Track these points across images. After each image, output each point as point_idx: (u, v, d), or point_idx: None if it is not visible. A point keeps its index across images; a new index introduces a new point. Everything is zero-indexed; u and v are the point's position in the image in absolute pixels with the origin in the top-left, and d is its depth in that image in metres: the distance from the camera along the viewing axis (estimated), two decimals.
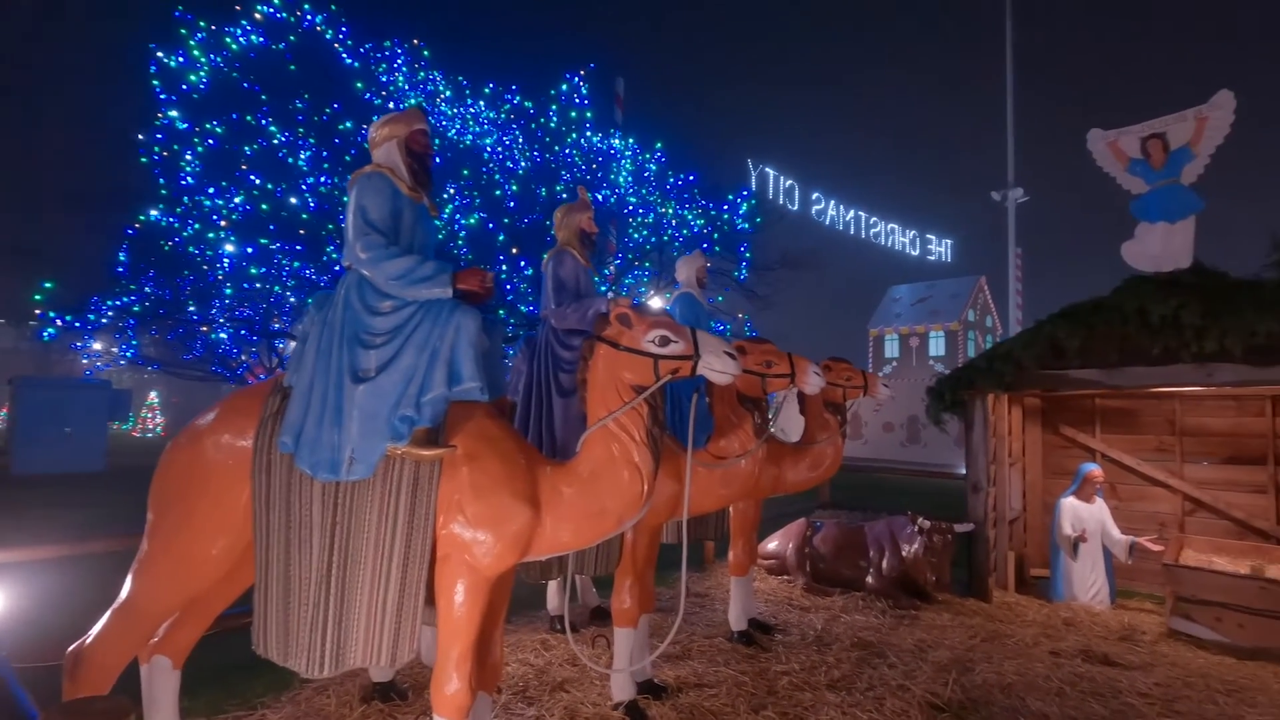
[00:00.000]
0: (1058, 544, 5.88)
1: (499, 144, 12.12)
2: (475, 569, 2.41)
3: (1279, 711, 3.64)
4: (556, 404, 3.27)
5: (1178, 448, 6.48)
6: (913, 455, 18.67)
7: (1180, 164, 5.40)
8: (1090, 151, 5.87)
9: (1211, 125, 5.32)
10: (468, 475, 2.42)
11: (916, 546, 5.37)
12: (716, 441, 3.52)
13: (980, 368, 5.87)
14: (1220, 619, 4.84)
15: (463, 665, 2.38)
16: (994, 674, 4.01)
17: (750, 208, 14.19)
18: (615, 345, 2.63)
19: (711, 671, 3.87)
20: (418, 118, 2.82)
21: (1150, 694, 3.83)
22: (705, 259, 4.83)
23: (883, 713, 3.44)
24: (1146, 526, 6.21)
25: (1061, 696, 3.75)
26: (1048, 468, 7.06)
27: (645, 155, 13.80)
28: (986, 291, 34.61)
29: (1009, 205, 20.99)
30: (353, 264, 2.56)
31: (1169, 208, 5.41)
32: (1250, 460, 6.12)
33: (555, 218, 3.82)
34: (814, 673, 3.92)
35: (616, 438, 2.58)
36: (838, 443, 4.51)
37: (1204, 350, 4.91)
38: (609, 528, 2.61)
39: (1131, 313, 5.24)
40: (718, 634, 4.49)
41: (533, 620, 4.76)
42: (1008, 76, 20.70)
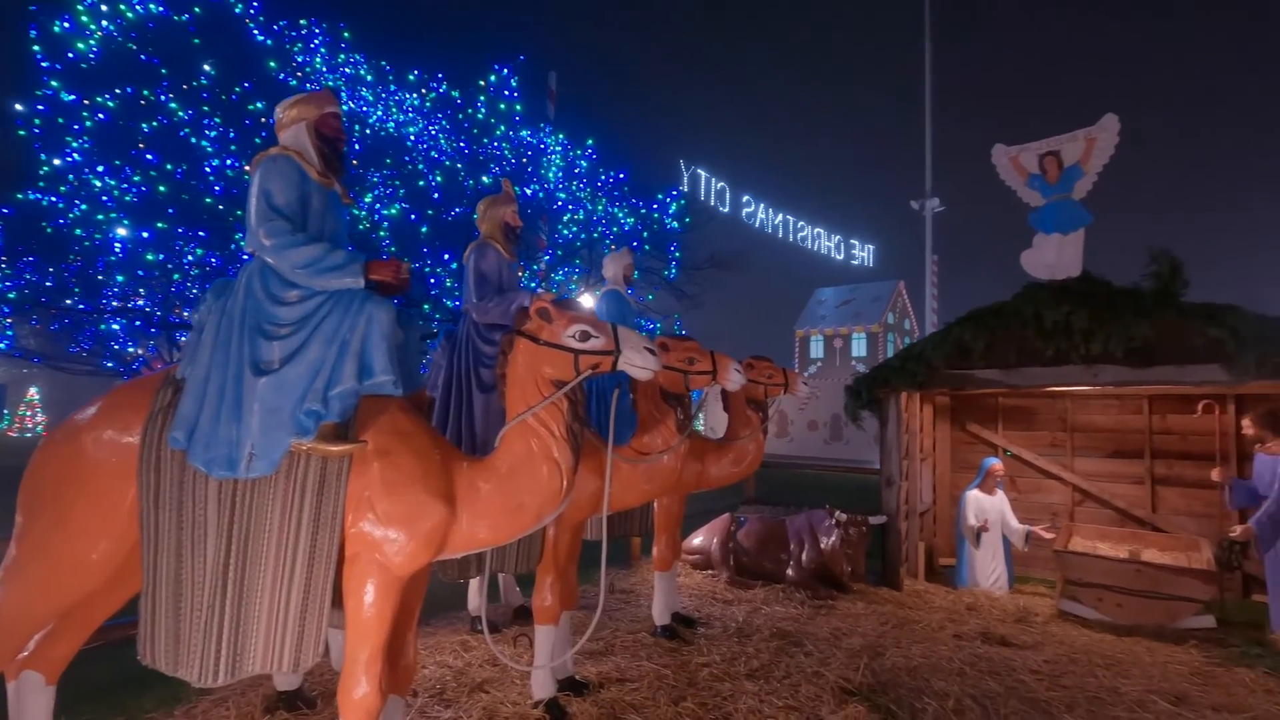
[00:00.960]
0: (963, 534, 6.23)
1: (424, 133, 11.74)
2: (386, 568, 2.33)
3: (1149, 681, 3.97)
4: (477, 399, 3.20)
5: (1069, 443, 6.99)
6: (836, 452, 19.40)
7: (1072, 180, 5.82)
8: (995, 166, 6.25)
9: (1099, 145, 5.75)
10: (379, 471, 2.33)
11: (834, 539, 5.57)
12: (640, 437, 3.54)
13: (894, 367, 6.15)
14: (1102, 599, 5.26)
15: (372, 667, 2.29)
16: (902, 658, 4.21)
17: (680, 207, 14.30)
18: (535, 340, 2.60)
19: (634, 666, 3.89)
20: (329, 100, 2.69)
21: (1040, 670, 4.11)
22: (632, 256, 4.85)
23: (797, 699, 3.54)
24: (1042, 516, 6.67)
25: (962, 676, 3.97)
26: (956, 462, 7.48)
27: (576, 151, 13.67)
28: (905, 296, 36.31)
29: (926, 214, 22.08)
30: (256, 250, 2.42)
31: (1062, 220, 5.81)
32: (1130, 454, 6.67)
33: (478, 210, 3.74)
34: (734, 663, 4.00)
35: (536, 433, 2.55)
36: (759, 439, 4.62)
37: (1090, 353, 5.31)
38: (528, 524, 2.57)
39: (1029, 317, 5.60)
40: (641, 629, 4.52)
41: (453, 621, 4.65)
42: (926, 92, 21.79)
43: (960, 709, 3.52)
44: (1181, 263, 5.33)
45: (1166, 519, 6.37)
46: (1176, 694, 3.79)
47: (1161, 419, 6.53)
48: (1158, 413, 6.54)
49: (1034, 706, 3.60)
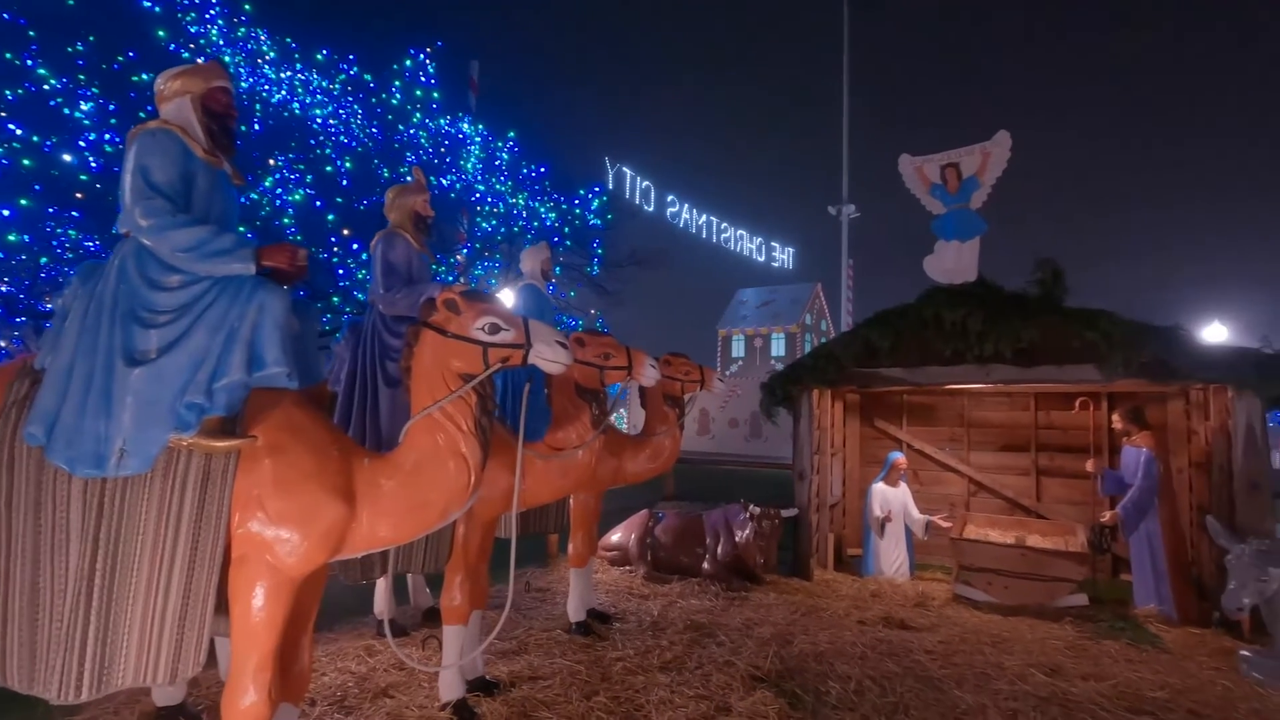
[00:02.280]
0: (869, 525, 6.53)
1: (334, 116, 11.21)
2: (277, 570, 2.21)
3: (1029, 656, 4.29)
4: (383, 394, 3.09)
5: (966, 438, 7.45)
6: (755, 449, 19.91)
7: (970, 191, 6.19)
8: (902, 174, 6.57)
9: (993, 159, 6.15)
10: (270, 468, 2.21)
11: (748, 532, 5.72)
12: (554, 433, 3.51)
13: (807, 365, 6.37)
14: (991, 583, 5.63)
15: (260, 675, 2.17)
16: (809, 644, 4.36)
17: (603, 204, 14.31)
18: (443, 332, 2.53)
19: (547, 663, 3.85)
20: (218, 73, 2.52)
21: (934, 650, 4.36)
22: (551, 251, 4.81)
23: (708, 688, 3.61)
24: (941, 506, 7.07)
25: (864, 659, 4.16)
26: (864, 457, 7.83)
27: (498, 144, 13.43)
28: (822, 298, 37.79)
29: (843, 220, 23.03)
30: (131, 231, 2.24)
31: (961, 228, 6.18)
32: (1019, 448, 7.18)
33: (387, 198, 3.61)
34: (648, 656, 4.04)
35: (442, 427, 2.49)
36: (676, 435, 4.68)
37: (983, 353, 5.67)
38: (433, 520, 2.50)
39: (929, 319, 5.92)
40: (556, 627, 4.49)
41: (358, 626, 4.47)
42: (844, 103, 22.69)
43: (861, 690, 3.69)
44: (1062, 270, 5.78)
45: (1050, 507, 6.90)
46: (1052, 666, 4.11)
47: (1046, 415, 7.06)
48: (1042, 409, 7.07)
49: (927, 684, 3.81)
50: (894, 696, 3.62)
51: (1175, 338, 5.18)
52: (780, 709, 3.35)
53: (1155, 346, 5.13)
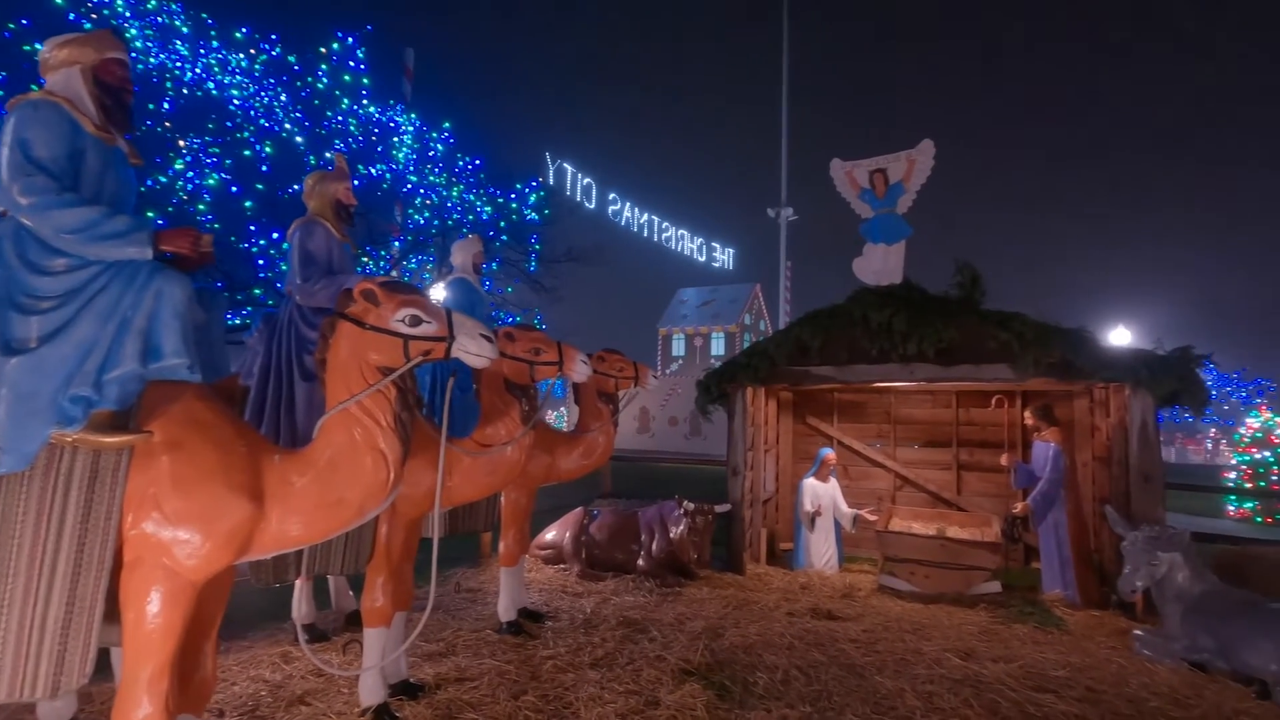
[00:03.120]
0: (799, 519, 6.69)
1: (255, 99, 10.66)
2: (176, 574, 2.08)
3: (945, 641, 4.49)
4: (299, 389, 2.95)
5: (892, 434, 7.74)
6: (694, 446, 20.15)
7: (896, 196, 6.42)
8: (833, 178, 6.76)
9: (918, 166, 6.39)
10: (168, 466, 2.08)
11: (682, 528, 5.76)
12: (483, 429, 3.45)
13: (741, 364, 6.48)
14: (914, 573, 5.86)
15: (156, 686, 2.04)
16: (739, 637, 4.44)
17: (540, 199, 14.12)
18: (360, 324, 2.44)
19: (474, 664, 3.78)
20: (111, 43, 2.36)
21: (859, 639, 4.51)
22: (483, 244, 4.72)
23: (638, 682, 3.62)
24: (869, 500, 7.32)
25: (791, 649, 4.26)
26: (797, 453, 8.02)
27: (432, 134, 13.06)
28: (761, 298, 38.54)
29: (781, 222, 23.59)
30: (9, 210, 2.07)
31: (888, 232, 6.40)
32: (941, 444, 7.51)
33: (306, 185, 3.45)
34: (579, 654, 4.02)
35: (359, 422, 2.40)
36: (610, 431, 4.67)
37: (907, 352, 5.90)
38: (348, 519, 2.41)
39: (858, 319, 6.11)
40: (486, 627, 4.41)
41: (275, 633, 4.27)
42: (783, 108, 23.23)
43: (787, 679, 3.78)
44: (980, 274, 6.06)
45: (969, 500, 7.24)
46: (966, 650, 4.31)
47: (966, 412, 7.40)
48: (963, 407, 7.41)
49: (851, 671, 3.93)
50: (819, 685, 3.72)
51: (1080, 339, 5.51)
52: (708, 700, 3.38)
53: (1062, 347, 5.44)
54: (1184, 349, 5.39)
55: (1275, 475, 13.39)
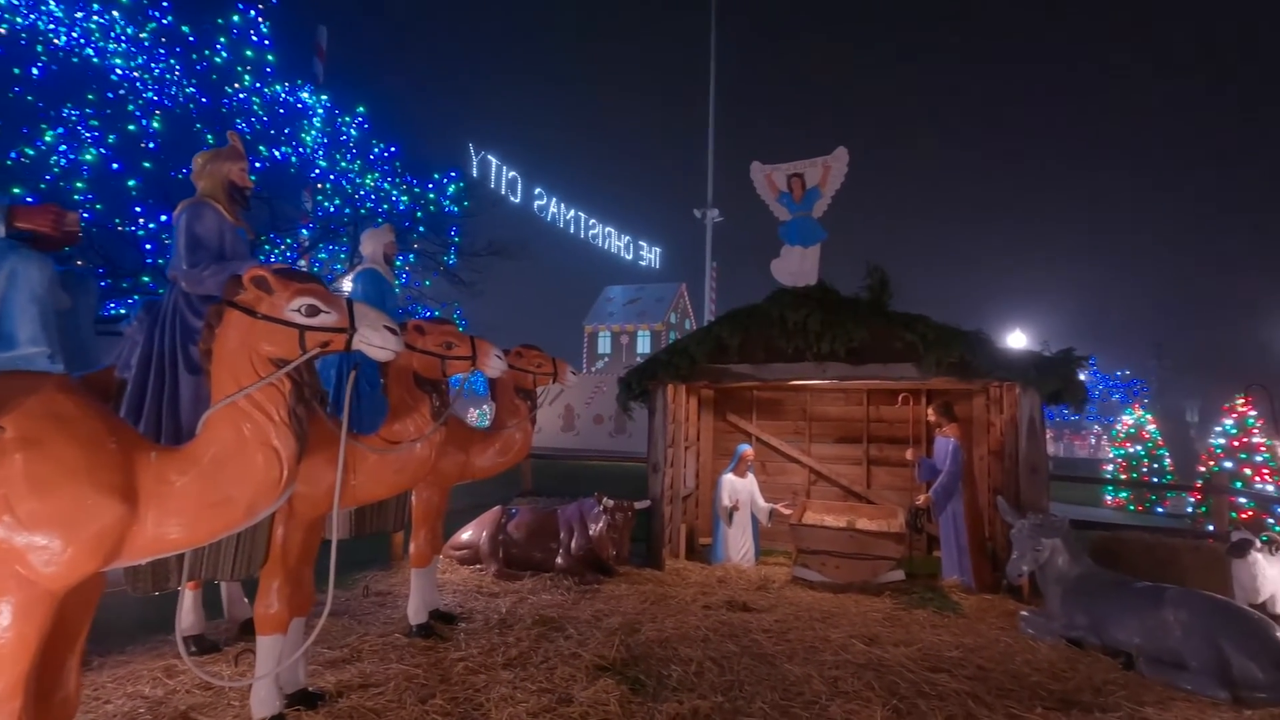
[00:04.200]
0: (718, 514, 6.82)
1: (143, 69, 9.83)
2: (31, 582, 1.90)
3: (852, 628, 4.68)
4: (185, 381, 2.75)
5: (808, 431, 8.00)
6: (620, 444, 20.16)
7: (812, 200, 6.63)
8: (753, 181, 6.91)
9: (833, 172, 6.62)
10: (22, 464, 1.89)
11: (601, 525, 5.75)
12: (390, 425, 3.32)
13: (662, 361, 6.53)
14: (825, 564, 6.08)
15: (8, 704, 1.86)
16: (656, 631, 4.47)
17: (459, 189, 13.73)
18: (251, 313, 2.30)
19: (380, 670, 3.64)
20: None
21: (771, 629, 4.63)
22: (394, 234, 4.55)
23: (552, 681, 3.59)
24: (785, 495, 7.54)
25: (706, 642, 4.32)
26: (717, 450, 8.17)
27: (345, 118, 12.44)
28: (686, 297, 39.09)
29: (707, 224, 23.98)
30: None
31: (804, 235, 6.60)
32: (853, 440, 7.82)
33: (195, 164, 3.22)
34: (492, 654, 3.94)
35: (249, 416, 2.27)
36: (527, 428, 4.60)
37: (821, 351, 6.11)
38: (236, 519, 2.27)
39: (775, 318, 6.28)
40: (395, 631, 4.26)
41: (158, 645, 3.95)
42: (710, 109, 23.61)
43: (701, 671, 3.83)
44: (889, 278, 6.35)
45: (878, 493, 7.58)
46: (871, 636, 4.50)
47: (876, 410, 7.74)
48: (873, 404, 7.75)
49: (762, 660, 4.03)
50: (731, 675, 3.80)
51: (977, 341, 5.86)
52: (621, 695, 3.39)
53: (961, 348, 5.77)
54: (1067, 351, 5.82)
55: (1146, 467, 14.73)
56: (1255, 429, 9.95)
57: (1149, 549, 5.80)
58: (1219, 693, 3.64)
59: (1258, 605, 4.64)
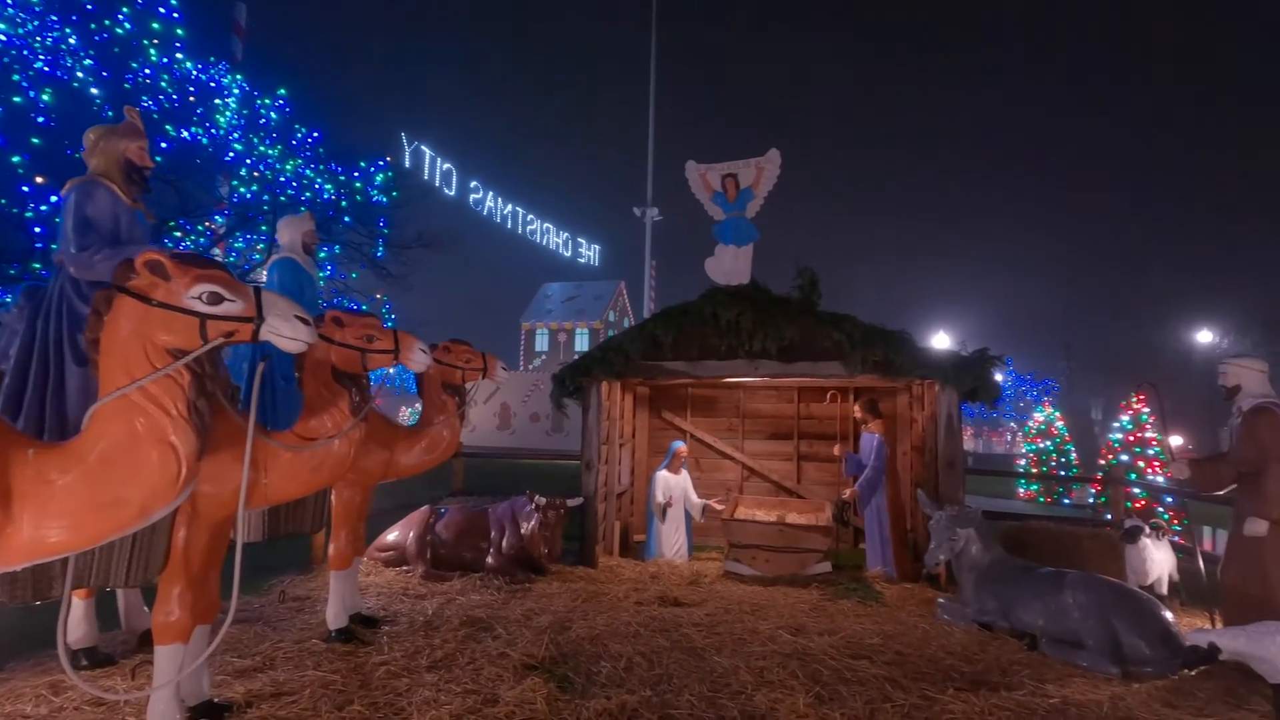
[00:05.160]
0: (651, 511, 6.85)
1: (33, 37, 9.00)
2: None
3: (779, 619, 4.78)
4: (72, 374, 2.55)
5: (741, 428, 8.14)
6: (557, 443, 20.02)
7: (746, 201, 6.73)
8: (688, 179, 6.97)
9: (766, 174, 6.74)
10: None
11: (533, 523, 5.68)
12: (306, 421, 3.16)
13: (596, 358, 6.51)
14: (755, 558, 6.20)
15: None
16: (586, 628, 4.45)
17: (387, 179, 13.24)
18: (146, 299, 2.15)
19: (295, 677, 3.47)
20: None
21: (701, 623, 4.68)
22: (314, 222, 4.35)
23: (478, 682, 3.51)
24: (718, 491, 7.64)
25: (636, 637, 4.33)
26: (652, 447, 8.21)
27: (264, 100, 11.80)
28: (625, 295, 39.15)
29: (647, 222, 24.08)
30: None
31: (737, 234, 6.70)
32: (784, 436, 8.00)
33: (87, 140, 2.98)
34: (416, 657, 3.83)
35: (143, 411, 2.12)
36: (455, 425, 4.49)
37: (753, 349, 6.22)
38: (127, 521, 2.12)
39: (708, 316, 6.35)
40: (312, 637, 4.07)
41: (43, 660, 3.62)
42: (650, 108, 23.70)
43: (630, 666, 3.83)
44: (818, 278, 6.52)
45: (807, 488, 7.78)
46: (797, 626, 4.61)
47: (806, 407, 7.95)
48: (804, 402, 7.95)
49: (691, 654, 4.07)
50: (660, 669, 3.81)
51: (900, 341, 6.09)
52: (549, 693, 3.35)
53: (885, 347, 5.98)
54: (982, 351, 6.13)
55: (1054, 461, 15.69)
56: (1148, 424, 10.75)
57: (1054, 537, 6.18)
58: (1111, 669, 3.91)
59: (1147, 586, 5.03)
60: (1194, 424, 20.85)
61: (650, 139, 23.35)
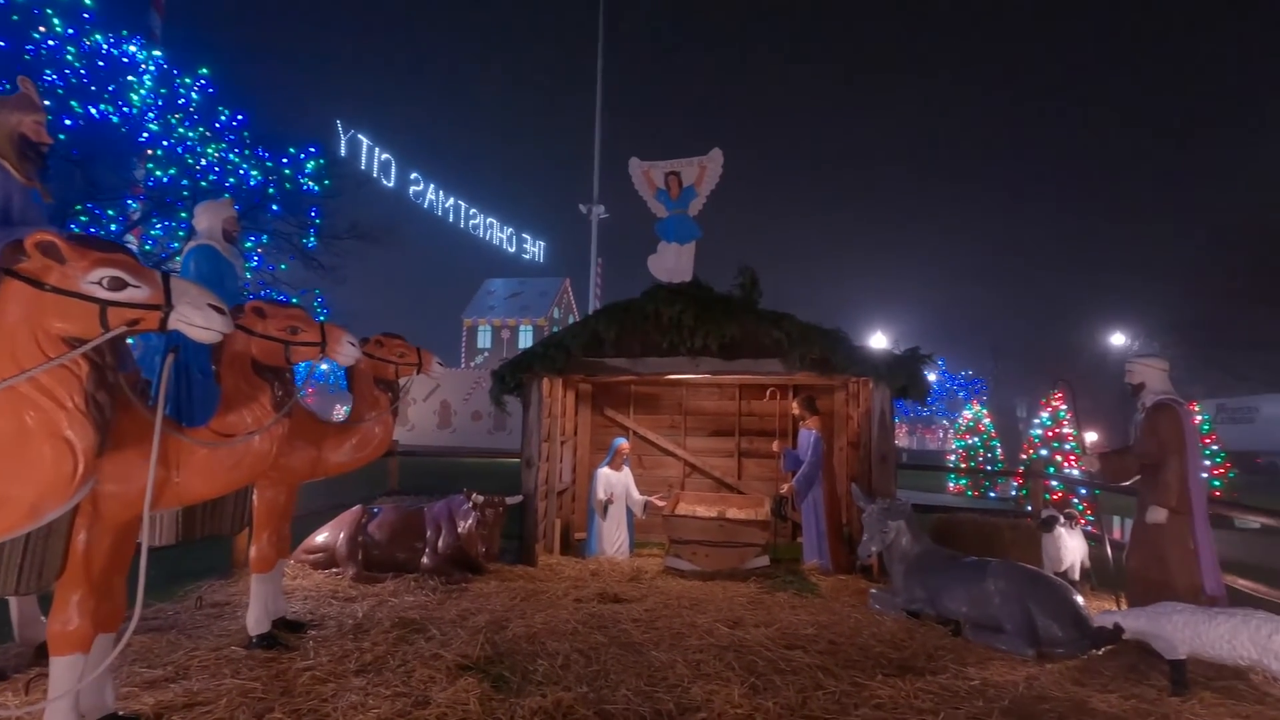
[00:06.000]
0: (593, 508, 6.82)
1: None
2: None
3: (717, 613, 4.83)
4: None
5: (684, 425, 8.20)
6: (499, 442, 19.72)
7: (688, 199, 6.77)
8: (631, 176, 6.96)
9: (709, 172, 6.80)
10: None
11: (471, 522, 5.57)
12: (223, 416, 3.00)
13: (537, 354, 6.44)
14: (695, 553, 6.25)
15: None
16: (524, 627, 4.39)
17: (319, 166, 12.71)
18: (38, 284, 2.00)
19: (211, 686, 3.30)
20: None
21: (640, 619, 4.68)
22: (234, 209, 4.14)
23: (410, 684, 3.42)
24: (661, 488, 7.67)
25: (575, 634, 4.30)
26: (594, 444, 8.18)
27: (184, 79, 11.13)
28: (570, 293, 38.89)
29: (593, 219, 23.99)
30: None
31: (680, 232, 6.73)
32: (726, 433, 8.10)
33: None
34: (343, 661, 3.69)
35: (34, 403, 1.97)
36: (388, 421, 4.35)
37: (694, 346, 6.27)
38: (16, 522, 1.97)
39: (651, 313, 6.38)
40: (232, 644, 3.88)
41: None
42: (597, 105, 23.61)
43: (568, 663, 3.80)
44: (758, 277, 6.63)
45: (748, 484, 7.90)
46: (735, 619, 4.67)
47: (747, 404, 8.06)
48: (745, 399, 8.06)
49: (630, 649, 4.06)
50: (598, 665, 3.80)
51: (837, 339, 6.25)
52: (483, 693, 3.28)
53: (822, 345, 6.13)
54: (913, 349, 6.35)
55: (982, 456, 16.43)
56: (1065, 421, 11.37)
57: (978, 528, 6.48)
58: (1027, 650, 4.11)
59: (1061, 572, 5.31)
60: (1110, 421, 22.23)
61: (597, 135, 23.27)
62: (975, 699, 3.41)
